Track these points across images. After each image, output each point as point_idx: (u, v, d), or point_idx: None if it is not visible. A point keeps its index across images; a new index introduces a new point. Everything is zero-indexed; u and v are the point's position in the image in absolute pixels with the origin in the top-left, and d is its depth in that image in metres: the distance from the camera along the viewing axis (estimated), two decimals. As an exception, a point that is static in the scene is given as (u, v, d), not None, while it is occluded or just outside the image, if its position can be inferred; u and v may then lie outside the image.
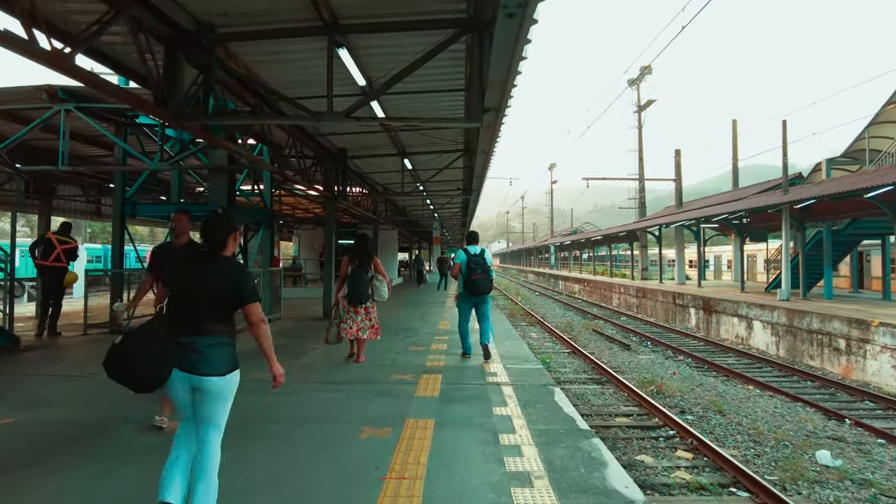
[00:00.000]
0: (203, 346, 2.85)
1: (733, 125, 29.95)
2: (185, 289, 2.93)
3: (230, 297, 2.93)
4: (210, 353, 2.86)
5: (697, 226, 23.90)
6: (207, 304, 2.90)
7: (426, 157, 12.83)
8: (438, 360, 7.85)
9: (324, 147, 11.50)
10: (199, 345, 2.84)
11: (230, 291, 2.92)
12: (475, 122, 5.45)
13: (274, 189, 16.87)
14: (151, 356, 2.72)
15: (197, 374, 2.82)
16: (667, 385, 11.22)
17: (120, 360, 2.69)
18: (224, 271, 2.94)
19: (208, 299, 2.90)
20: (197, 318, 2.87)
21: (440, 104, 8.80)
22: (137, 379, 2.73)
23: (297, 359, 7.80)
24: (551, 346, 16.19)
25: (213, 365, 2.85)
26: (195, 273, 2.93)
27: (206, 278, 2.90)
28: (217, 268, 2.94)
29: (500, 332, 11.08)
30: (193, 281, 2.91)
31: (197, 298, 2.89)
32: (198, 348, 2.83)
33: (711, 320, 18.81)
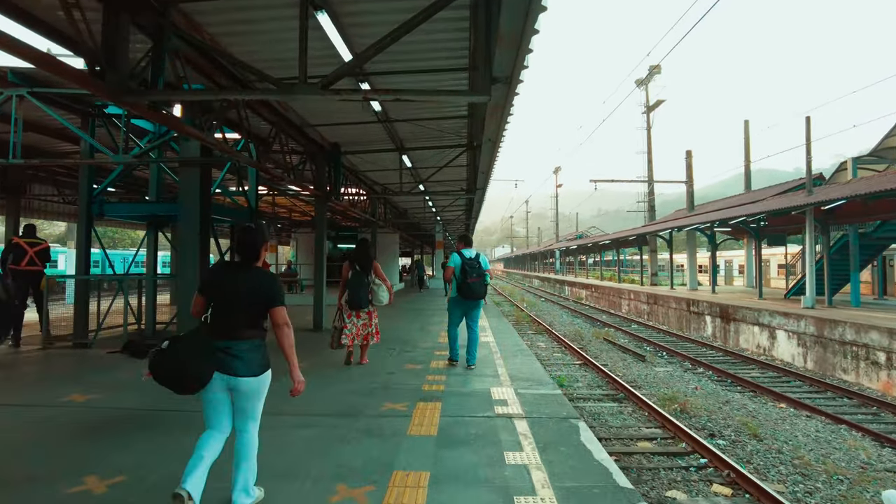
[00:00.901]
0: (239, 350, 3.08)
1: (745, 126, 28.78)
2: (223, 298, 3.15)
3: (262, 303, 3.16)
4: (246, 356, 3.10)
5: (711, 229, 22.73)
6: (243, 311, 3.14)
7: (426, 153, 11.74)
8: (438, 381, 6.70)
9: (314, 141, 10.42)
10: (235, 349, 3.08)
11: (262, 298, 3.16)
12: (482, 96, 4.35)
13: (266, 189, 15.84)
14: (197, 360, 2.97)
15: (234, 375, 3.07)
16: (690, 403, 10.12)
17: (168, 363, 2.94)
18: (258, 280, 3.18)
19: (244, 307, 3.14)
20: (234, 324, 3.11)
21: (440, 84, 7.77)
22: (184, 381, 2.97)
23: (273, 380, 6.68)
24: (561, 358, 15.06)
25: (250, 367, 3.11)
26: (232, 283, 3.16)
27: (241, 287, 3.14)
28: (251, 277, 3.18)
29: (508, 345, 9.95)
30: (231, 290, 3.14)
31: (233, 306, 3.13)
32: (235, 352, 3.07)
33: (729, 329, 17.62)
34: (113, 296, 10.18)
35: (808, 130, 15.81)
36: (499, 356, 8.58)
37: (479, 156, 10.01)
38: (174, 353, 2.96)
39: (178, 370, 2.95)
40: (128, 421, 5.00)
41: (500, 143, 7.84)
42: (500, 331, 12.07)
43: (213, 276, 3.31)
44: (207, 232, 8.02)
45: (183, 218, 7.81)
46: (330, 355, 8.45)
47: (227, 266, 3.34)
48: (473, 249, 7.67)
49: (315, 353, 8.65)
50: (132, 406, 5.52)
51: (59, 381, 6.70)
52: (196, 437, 3.18)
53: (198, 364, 2.98)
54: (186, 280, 7.85)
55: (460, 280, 7.33)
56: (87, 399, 5.76)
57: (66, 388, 6.17)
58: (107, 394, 5.99)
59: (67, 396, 5.84)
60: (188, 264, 7.82)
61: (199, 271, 7.87)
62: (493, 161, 9.39)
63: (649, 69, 29.95)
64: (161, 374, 2.96)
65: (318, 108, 8.82)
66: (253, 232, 3.27)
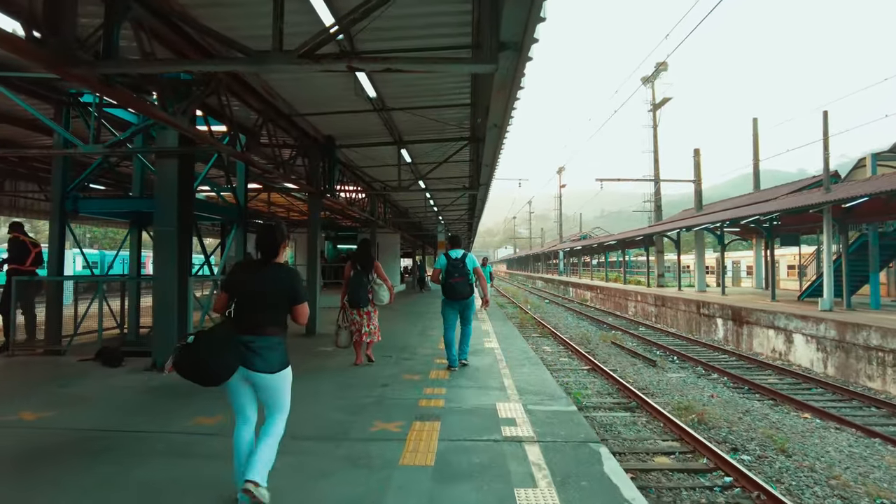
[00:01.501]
0: (259, 347, 3.14)
1: (754, 124, 28.00)
2: (246, 295, 3.22)
3: (284, 299, 3.25)
4: (264, 353, 3.15)
5: (721, 229, 21.95)
6: (264, 307, 3.22)
7: (427, 147, 11.03)
8: (437, 395, 5.96)
9: (306, 134, 9.70)
10: (256, 344, 3.14)
11: (285, 294, 3.25)
12: (487, 65, 3.63)
13: (260, 187, 15.13)
14: (221, 354, 3.03)
15: (253, 370, 3.14)
16: (708, 412, 9.41)
17: (192, 358, 3.01)
18: (279, 277, 3.26)
19: (265, 303, 3.22)
20: (256, 320, 3.18)
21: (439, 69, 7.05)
22: (209, 374, 3.05)
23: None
24: (568, 363, 14.33)
25: (268, 363, 3.16)
26: (254, 280, 3.24)
27: (263, 284, 3.22)
28: (273, 274, 3.26)
29: (514, 352, 9.20)
30: (253, 288, 3.22)
31: (255, 302, 3.21)
32: (254, 347, 3.13)
33: (742, 332, 16.84)
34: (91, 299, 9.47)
35: (826, 125, 15.05)
36: (504, 365, 7.82)
37: (482, 148, 9.28)
38: (199, 347, 3.02)
39: (202, 364, 3.01)
40: (76, 446, 4.27)
41: (506, 129, 7.09)
42: (506, 336, 11.32)
43: (236, 274, 3.38)
44: (187, 229, 7.32)
45: (159, 213, 7.12)
46: (322, 363, 7.78)
47: (249, 264, 3.41)
48: (461, 250, 7.67)
49: (306, 361, 7.92)
50: (87, 426, 4.79)
51: (12, 394, 5.98)
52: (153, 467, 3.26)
53: (221, 358, 3.04)
54: (164, 281, 7.15)
55: (444, 280, 7.41)
56: (38, 418, 5.03)
57: (17, 404, 5.44)
58: (63, 410, 5.26)
59: (17, 414, 5.12)
60: (166, 264, 7.12)
61: (179, 271, 7.16)
62: (497, 151, 8.64)
63: (655, 66, 29.16)
64: (185, 368, 3.03)
65: (306, 95, 8.08)
66: (273, 230, 3.33)
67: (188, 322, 7.75)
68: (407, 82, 7.65)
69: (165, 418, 5.08)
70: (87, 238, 52.73)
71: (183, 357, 3.03)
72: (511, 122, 6.95)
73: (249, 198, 17.28)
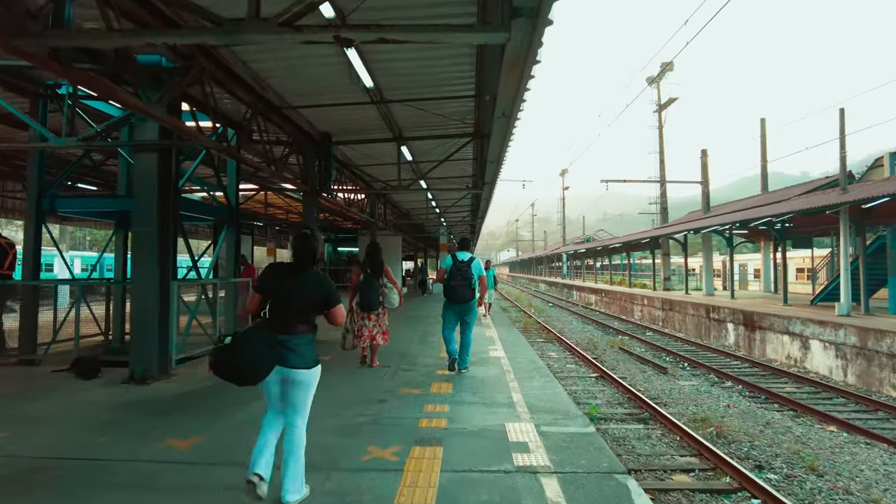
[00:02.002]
0: (295, 344, 3.31)
1: (762, 124, 27.35)
2: (280, 297, 3.36)
3: (318, 302, 3.44)
4: (300, 349, 3.33)
5: (730, 231, 21.33)
6: (298, 309, 3.37)
7: (428, 144, 10.45)
8: (440, 413, 5.35)
9: (301, 129, 9.12)
10: (291, 343, 3.30)
11: (318, 297, 3.43)
12: (498, 33, 3.06)
13: (257, 187, 14.56)
14: (257, 354, 3.13)
15: (290, 367, 3.28)
16: (726, 424, 8.81)
17: (230, 359, 3.09)
18: (313, 281, 3.44)
19: (299, 305, 3.38)
20: (290, 320, 3.33)
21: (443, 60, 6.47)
22: (246, 374, 3.15)
23: (232, 413, 5.36)
24: (575, 370, 13.72)
25: (304, 360, 3.33)
26: (290, 284, 3.39)
27: (298, 288, 3.39)
28: (307, 278, 3.43)
29: (522, 362, 8.56)
30: (288, 290, 3.38)
31: (290, 305, 3.36)
32: (290, 345, 3.29)
33: (755, 338, 16.19)
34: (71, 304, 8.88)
35: (843, 123, 14.44)
36: (512, 377, 7.20)
37: (486, 145, 8.72)
38: (236, 349, 3.09)
39: (239, 365, 3.11)
40: (18, 478, 3.67)
41: (516, 120, 6.47)
42: (512, 343, 10.70)
43: (271, 277, 3.48)
44: (169, 229, 6.74)
45: (137, 212, 6.54)
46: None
47: (284, 268, 3.54)
48: (469, 254, 7.57)
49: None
50: (38, 452, 4.18)
51: None
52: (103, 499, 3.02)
53: (258, 358, 3.13)
54: (143, 285, 6.56)
55: (446, 281, 7.33)
56: (-12, 440, 4.44)
57: (-30, 424, 4.86)
58: (16, 431, 4.66)
59: (-39, 436, 4.53)
60: (145, 266, 6.54)
61: (160, 275, 6.57)
62: (505, 146, 8.00)
63: (661, 66, 28.58)
64: (222, 369, 3.11)
65: (298, 85, 7.50)
66: (309, 238, 3.49)
67: (171, 330, 7.17)
68: (406, 71, 7.08)
69: (133, 441, 4.48)
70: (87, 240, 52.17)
71: (220, 358, 3.11)
72: (521, 111, 6.32)
73: (245, 199, 16.73)
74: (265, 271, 3.60)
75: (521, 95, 5.26)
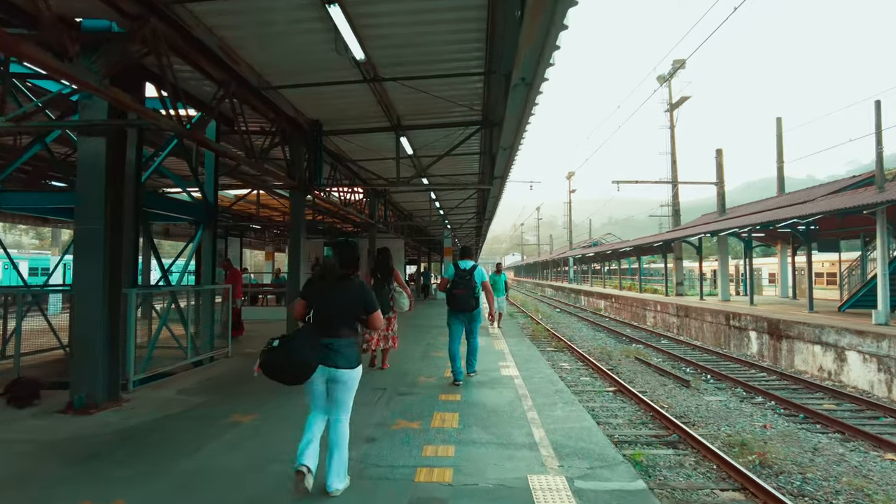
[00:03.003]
0: (340, 346, 3.52)
1: (778, 123, 26.07)
2: (325, 303, 3.61)
3: (358, 308, 3.67)
4: (345, 351, 3.53)
5: (749, 234, 20.11)
6: (341, 314, 3.60)
7: (430, 135, 9.32)
8: (443, 459, 4.14)
9: (286, 116, 7.98)
10: (336, 345, 3.51)
11: (359, 304, 3.66)
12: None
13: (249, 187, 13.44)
14: (302, 356, 3.35)
15: (335, 367, 3.49)
16: (769, 451, 7.66)
17: (277, 360, 3.33)
18: (353, 289, 3.66)
19: (342, 310, 3.61)
20: (335, 325, 3.56)
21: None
22: (291, 374, 3.37)
23: (175, 461, 4.17)
24: (590, 382, 12.55)
25: (348, 361, 3.54)
26: (332, 291, 3.63)
27: (340, 294, 3.62)
28: (347, 285, 3.65)
29: (539, 382, 7.33)
30: (331, 297, 3.62)
31: (333, 310, 3.59)
32: (335, 348, 3.50)
33: (781, 347, 14.95)
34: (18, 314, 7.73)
35: (879, 117, 13.24)
36: (529, 403, 5.98)
37: (496, 135, 7.61)
38: (283, 350, 3.32)
39: (287, 365, 3.33)
40: None
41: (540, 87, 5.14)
42: (524, 358, 9.48)
43: (315, 285, 3.71)
44: (120, 226, 5.62)
45: (80, 206, 5.43)
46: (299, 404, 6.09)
47: (326, 276, 3.71)
48: (471, 262, 7.39)
49: (278, 401, 6.11)
50: None
51: None
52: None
53: (303, 359, 3.34)
54: (86, 295, 5.43)
55: (449, 290, 7.23)
56: None
57: None
58: None
59: None
60: (87, 270, 5.41)
61: (108, 280, 5.44)
62: (523, 125, 6.53)
63: (673, 64, 27.42)
64: (271, 370, 3.33)
65: (276, 58, 6.30)
66: (350, 247, 3.76)
67: (128, 347, 6.05)
68: (402, 40, 5.95)
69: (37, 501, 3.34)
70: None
71: (268, 360, 3.31)
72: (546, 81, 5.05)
73: (237, 199, 15.60)
74: (309, 280, 3.82)
75: (549, 53, 4.09)
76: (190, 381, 6.98)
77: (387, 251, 7.77)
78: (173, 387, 6.57)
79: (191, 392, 6.40)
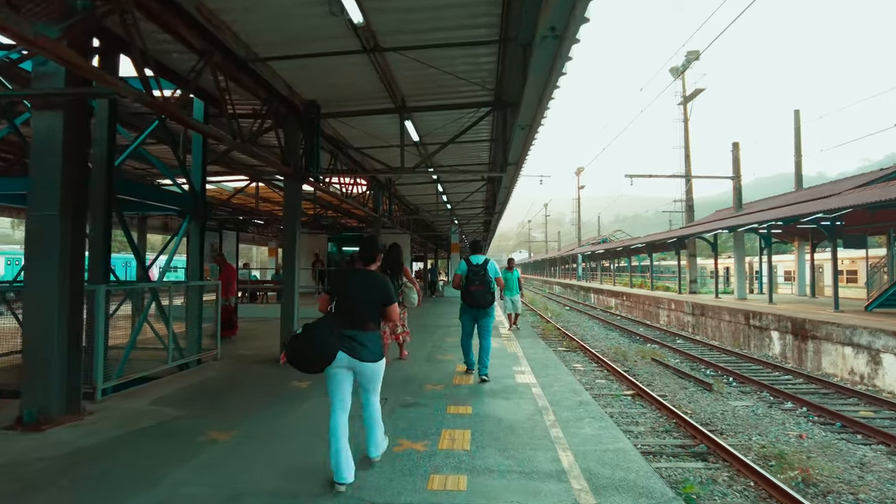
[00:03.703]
0: (365, 339, 3.62)
1: (796, 116, 25.07)
2: (349, 296, 3.73)
3: (379, 300, 3.76)
4: (370, 344, 3.64)
5: (769, 230, 19.20)
6: (364, 307, 3.72)
7: (437, 118, 8.54)
8: (453, 492, 3.36)
9: (279, 95, 7.20)
10: (360, 338, 3.59)
11: (381, 297, 3.76)
12: None
13: (248, 178, 12.67)
14: (323, 342, 3.45)
15: (359, 359, 3.58)
16: (812, 466, 6.87)
17: (298, 347, 3.45)
18: (375, 282, 3.79)
19: (365, 303, 3.72)
20: (358, 317, 3.66)
21: None
22: (311, 362, 3.47)
23: (144, 489, 3.41)
24: (606, 385, 11.75)
25: (373, 354, 3.65)
26: (355, 284, 3.77)
27: (363, 288, 3.75)
28: (370, 279, 3.80)
29: (560, 392, 6.50)
30: (355, 290, 3.74)
31: (356, 303, 3.70)
32: (361, 340, 3.59)
33: (807, 348, 14.06)
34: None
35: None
36: (552, 418, 5.13)
37: (511, 116, 6.82)
38: (304, 338, 3.45)
39: (308, 351, 3.44)
40: None
41: (574, 42, 4.20)
42: (541, 363, 8.66)
43: (340, 279, 3.90)
44: (82, 214, 4.87)
45: (33, 192, 4.66)
46: (282, 412, 5.32)
47: (350, 271, 4.03)
48: (482, 256, 7.32)
49: (261, 422, 5.35)
50: None
51: None
52: None
53: (323, 348, 3.44)
54: (38, 294, 4.68)
55: (464, 287, 7.11)
56: None
57: None
58: None
59: None
60: (40, 264, 4.66)
61: (67, 275, 4.69)
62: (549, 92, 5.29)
63: (686, 56, 26.43)
64: (295, 357, 3.46)
65: (263, 23, 5.47)
66: (372, 243, 3.92)
67: (96, 350, 5.30)
68: (404, 2, 5.13)
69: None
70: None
71: (292, 346, 3.47)
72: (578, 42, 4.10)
73: (234, 193, 14.85)
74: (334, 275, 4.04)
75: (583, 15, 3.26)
76: (170, 388, 6.24)
77: (398, 247, 7.73)
78: (149, 396, 5.82)
79: (168, 402, 5.65)
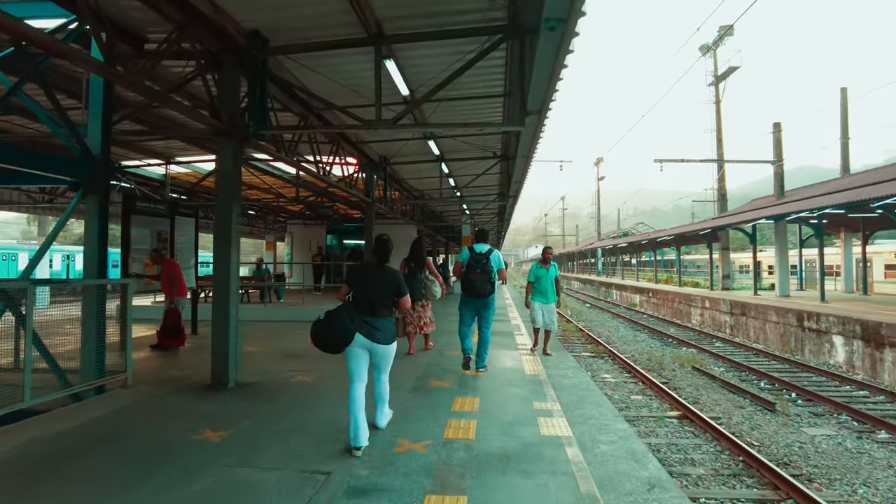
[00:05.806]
0: (380, 324, 4.05)
1: (843, 94, 22.24)
2: (365, 288, 4.13)
3: (392, 292, 4.18)
4: (384, 329, 4.06)
5: (819, 219, 16.64)
6: (379, 297, 4.12)
7: (430, 59, 6.29)
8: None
9: (206, 22, 4.98)
10: (377, 323, 4.03)
11: (394, 288, 4.19)
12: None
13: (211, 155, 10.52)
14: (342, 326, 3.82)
15: (375, 342, 4.02)
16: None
17: (323, 329, 3.82)
18: (388, 276, 4.21)
19: (380, 293, 4.12)
20: (374, 305, 4.07)
21: None
22: (331, 343, 3.85)
23: None
24: (644, 402, 9.53)
25: (386, 337, 4.09)
26: (371, 276, 4.18)
27: (378, 280, 4.16)
28: (385, 273, 4.21)
29: (611, 455, 4.28)
30: (371, 281, 4.15)
31: (372, 294, 4.10)
32: (377, 325, 4.02)
33: (883, 357, 11.55)
34: None
35: None
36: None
37: (530, 43, 4.59)
38: (326, 322, 3.82)
39: (328, 334, 3.81)
40: None
41: None
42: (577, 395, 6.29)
43: (357, 272, 4.29)
44: None
45: None
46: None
47: (366, 265, 4.66)
48: (487, 245, 6.85)
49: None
50: None
51: None
52: None
53: (344, 329, 3.82)
54: None
55: (464, 275, 6.77)
56: None
57: None
58: None
59: None
60: None
61: None
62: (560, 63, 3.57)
63: (719, 31, 23.81)
64: (319, 339, 3.83)
65: None
66: (386, 243, 4.34)
67: None
68: None
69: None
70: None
71: (316, 329, 3.83)
72: None
73: (206, 175, 12.73)
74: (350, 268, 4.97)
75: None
76: (37, 431, 4.13)
77: (421, 241, 7.75)
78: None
79: (17, 460, 3.54)
